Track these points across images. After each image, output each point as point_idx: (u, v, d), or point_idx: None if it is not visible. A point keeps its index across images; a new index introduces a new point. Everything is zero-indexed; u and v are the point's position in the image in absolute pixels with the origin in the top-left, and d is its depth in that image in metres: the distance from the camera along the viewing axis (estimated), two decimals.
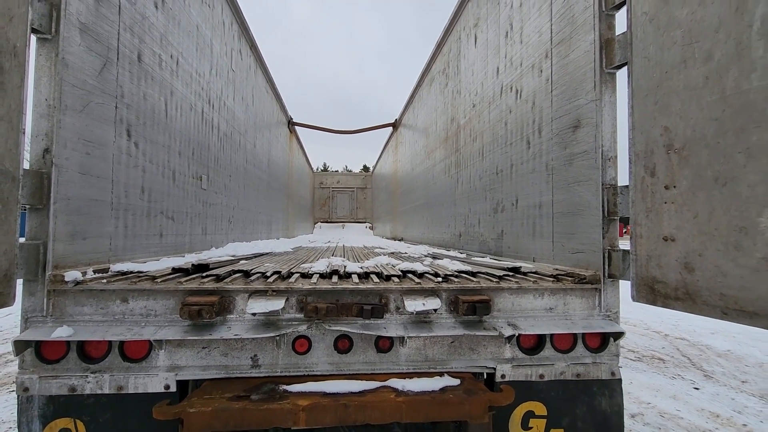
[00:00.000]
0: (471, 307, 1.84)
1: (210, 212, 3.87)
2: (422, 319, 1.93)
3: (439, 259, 3.08)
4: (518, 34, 3.04)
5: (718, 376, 4.65)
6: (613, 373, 2.00)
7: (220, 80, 4.13)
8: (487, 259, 3.07)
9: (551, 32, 2.56)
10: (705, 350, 5.65)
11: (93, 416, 1.74)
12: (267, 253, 3.59)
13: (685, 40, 1.60)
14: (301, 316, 1.85)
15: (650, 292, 1.74)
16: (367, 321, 1.85)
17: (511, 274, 2.24)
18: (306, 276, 2.11)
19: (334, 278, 2.02)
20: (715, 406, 3.87)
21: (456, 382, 1.81)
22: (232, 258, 2.88)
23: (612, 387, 2.01)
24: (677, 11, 1.63)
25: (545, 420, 1.97)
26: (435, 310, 1.86)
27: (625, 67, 1.96)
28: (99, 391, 1.74)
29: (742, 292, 1.37)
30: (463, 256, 3.60)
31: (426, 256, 3.53)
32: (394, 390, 1.71)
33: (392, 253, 3.98)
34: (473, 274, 2.24)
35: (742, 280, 1.38)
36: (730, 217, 1.42)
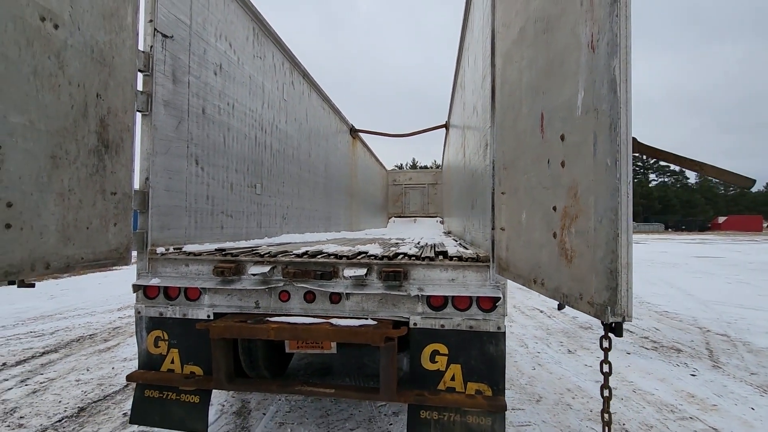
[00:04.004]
0: (386, 275, 2.75)
1: (264, 211, 5.20)
2: (360, 283, 2.88)
3: (403, 245, 3.96)
4: (475, 62, 3.75)
5: (729, 368, 4.67)
6: (498, 327, 2.74)
7: (272, 111, 5.45)
8: (456, 249, 3.84)
9: (483, 66, 3.27)
10: (739, 346, 5.49)
11: (171, 329, 3.05)
12: (296, 242, 4.79)
13: (510, 92, 2.31)
14: (281, 277, 2.94)
15: (500, 267, 2.48)
16: (321, 281, 2.87)
17: (440, 257, 3.06)
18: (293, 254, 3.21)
19: (305, 256, 3.08)
20: (698, 390, 4.07)
21: (373, 323, 2.74)
22: (259, 245, 4.11)
23: (497, 337, 2.74)
24: (507, 71, 2.35)
25: (447, 357, 2.79)
26: (364, 276, 2.81)
27: None
28: (174, 316, 3.05)
29: (519, 263, 2.10)
30: (453, 244, 4.38)
31: (411, 244, 4.39)
32: (331, 324, 2.71)
33: (396, 242, 4.90)
34: (411, 256, 3.12)
35: (519, 255, 2.11)
36: (517, 214, 2.14)
